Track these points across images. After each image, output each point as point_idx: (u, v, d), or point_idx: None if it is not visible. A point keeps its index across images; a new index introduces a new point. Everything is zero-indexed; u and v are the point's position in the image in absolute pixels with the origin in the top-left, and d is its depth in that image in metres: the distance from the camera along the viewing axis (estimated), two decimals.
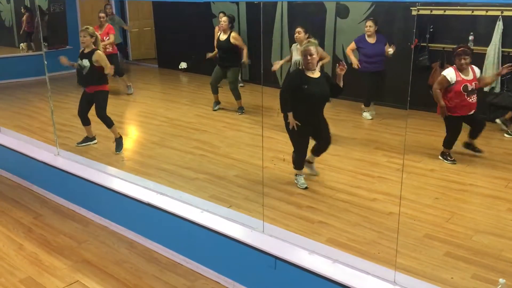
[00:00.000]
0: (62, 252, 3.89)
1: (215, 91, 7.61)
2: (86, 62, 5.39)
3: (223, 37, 7.23)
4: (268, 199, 4.35)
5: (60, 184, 4.79)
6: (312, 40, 4.56)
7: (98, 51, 5.43)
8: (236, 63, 7.33)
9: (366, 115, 6.94)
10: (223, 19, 7.21)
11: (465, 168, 5.18)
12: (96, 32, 5.57)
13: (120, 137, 5.73)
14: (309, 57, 4.36)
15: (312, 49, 4.35)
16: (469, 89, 5.04)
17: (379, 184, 4.80)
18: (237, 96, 7.36)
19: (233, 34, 7.19)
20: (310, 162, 4.89)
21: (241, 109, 7.38)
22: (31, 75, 9.57)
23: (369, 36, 6.63)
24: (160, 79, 10.58)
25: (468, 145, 5.33)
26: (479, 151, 5.30)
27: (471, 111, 5.12)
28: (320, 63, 5.72)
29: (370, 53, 6.64)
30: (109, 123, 5.64)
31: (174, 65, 10.82)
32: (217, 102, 7.68)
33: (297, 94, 4.39)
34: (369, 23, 6.62)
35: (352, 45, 6.78)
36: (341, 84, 4.41)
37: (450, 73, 5.11)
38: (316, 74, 4.45)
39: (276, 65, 6.33)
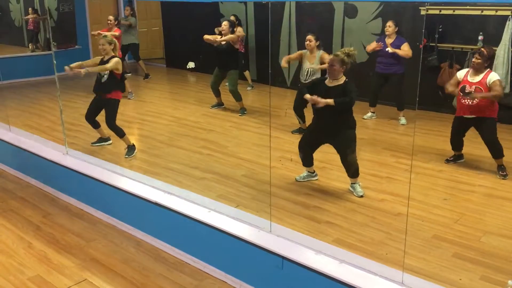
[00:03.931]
0: (71, 251, 3.92)
1: (216, 94, 7.59)
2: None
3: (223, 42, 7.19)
4: (275, 199, 4.35)
5: (68, 183, 4.82)
6: (347, 49, 4.46)
7: (116, 58, 5.44)
8: (235, 66, 7.29)
9: (367, 115, 6.93)
10: (224, 23, 7.14)
11: (474, 169, 5.14)
12: (114, 40, 5.58)
13: (133, 146, 5.67)
14: (329, 67, 4.44)
15: (334, 59, 4.38)
16: (466, 90, 4.84)
17: (387, 185, 4.78)
18: (237, 98, 7.33)
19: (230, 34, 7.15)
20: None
21: (242, 110, 7.36)
22: (40, 74, 9.65)
23: (388, 36, 6.59)
24: (168, 79, 10.61)
25: (497, 167, 4.98)
26: (502, 175, 4.89)
27: (468, 114, 4.90)
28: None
29: (381, 52, 6.61)
30: (120, 133, 5.58)
31: (182, 65, 10.85)
32: (219, 104, 7.68)
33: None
34: (389, 23, 6.58)
35: (373, 43, 6.73)
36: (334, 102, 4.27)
37: (461, 71, 5.07)
38: (335, 82, 4.41)
39: (284, 61, 6.26)
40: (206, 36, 7.17)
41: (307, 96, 4.39)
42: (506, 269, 3.39)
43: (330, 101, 4.24)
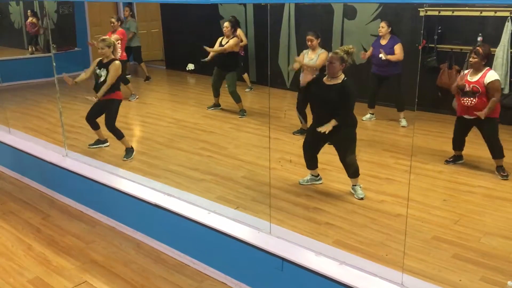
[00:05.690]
0: (70, 253, 3.91)
1: (216, 94, 7.60)
2: (103, 72, 5.40)
3: (225, 42, 7.20)
4: (275, 201, 4.35)
5: (68, 185, 4.82)
6: (346, 47, 4.45)
7: (116, 61, 5.43)
8: (235, 68, 7.31)
9: (366, 117, 6.93)
10: (225, 25, 7.20)
11: (473, 169, 5.14)
12: (112, 41, 5.55)
13: (131, 148, 5.68)
14: (328, 64, 4.43)
15: (334, 57, 4.37)
16: (465, 89, 4.83)
17: (386, 186, 4.78)
18: (237, 99, 7.33)
19: (232, 40, 7.16)
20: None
21: (242, 112, 7.35)
22: (40, 76, 9.64)
23: (382, 37, 6.59)
24: (168, 81, 10.62)
25: (496, 168, 4.97)
26: (503, 175, 4.88)
27: (468, 114, 4.90)
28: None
29: (375, 54, 6.61)
30: (119, 135, 5.57)
31: (182, 67, 10.85)
32: (216, 105, 7.69)
33: (308, 94, 4.67)
34: (382, 23, 6.58)
35: (369, 51, 6.74)
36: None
37: (464, 72, 5.08)
38: (334, 81, 4.40)
39: (296, 64, 6.27)
40: (210, 51, 7.21)
41: (320, 129, 4.30)
42: (506, 270, 3.39)
43: (333, 123, 4.27)
